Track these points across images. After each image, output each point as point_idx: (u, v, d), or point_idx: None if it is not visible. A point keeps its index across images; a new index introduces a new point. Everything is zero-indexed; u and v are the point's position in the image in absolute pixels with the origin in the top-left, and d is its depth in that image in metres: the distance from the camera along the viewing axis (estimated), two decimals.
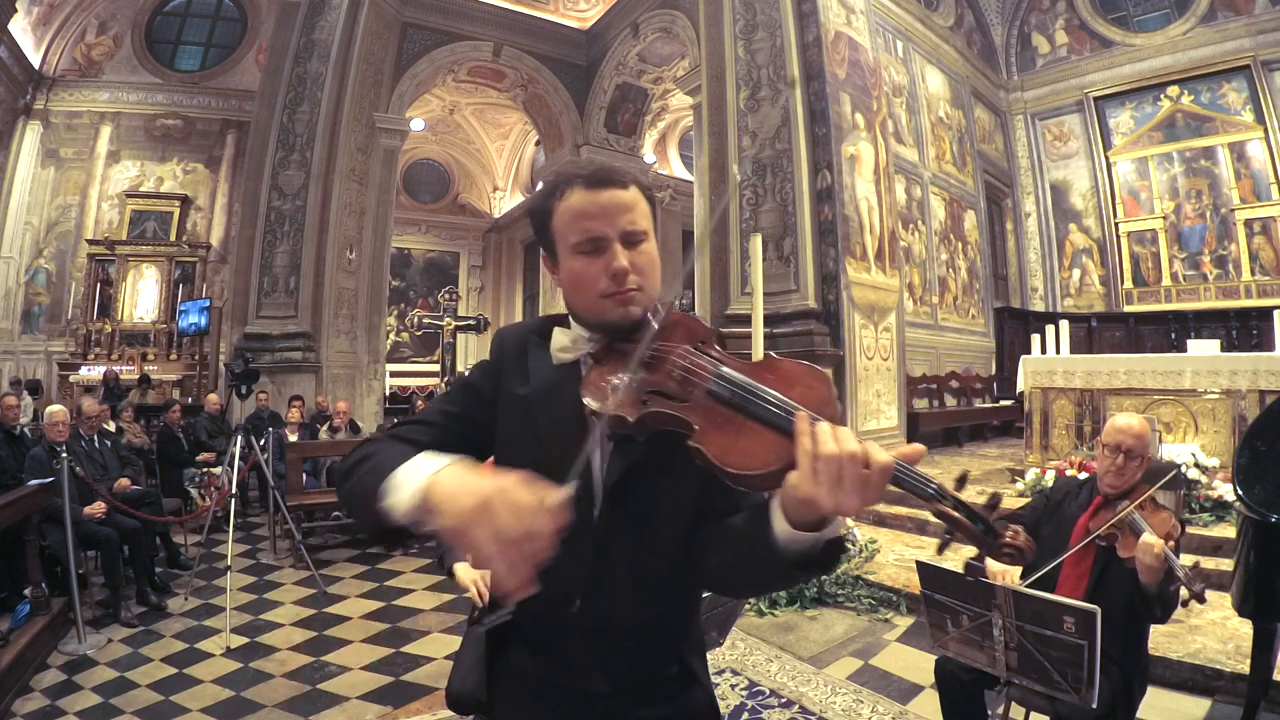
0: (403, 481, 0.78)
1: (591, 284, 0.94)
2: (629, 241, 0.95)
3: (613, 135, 13.18)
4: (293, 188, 9.53)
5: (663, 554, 0.99)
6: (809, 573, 0.80)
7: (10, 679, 3.10)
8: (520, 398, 1.00)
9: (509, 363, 1.03)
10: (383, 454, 0.87)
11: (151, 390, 10.10)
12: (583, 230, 0.94)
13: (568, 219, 0.95)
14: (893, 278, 8.16)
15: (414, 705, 3.04)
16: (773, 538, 0.78)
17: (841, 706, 2.91)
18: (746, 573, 0.91)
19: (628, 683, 1.01)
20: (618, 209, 0.94)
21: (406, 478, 0.78)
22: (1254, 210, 10.14)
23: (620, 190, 0.95)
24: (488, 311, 17.56)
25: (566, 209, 0.96)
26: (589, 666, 1.00)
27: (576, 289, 0.97)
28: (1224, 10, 10.46)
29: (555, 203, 0.97)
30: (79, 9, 12.15)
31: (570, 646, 1.00)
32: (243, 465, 4.98)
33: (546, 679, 1.02)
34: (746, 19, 8.12)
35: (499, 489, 0.68)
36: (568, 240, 0.96)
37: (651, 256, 0.98)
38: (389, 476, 0.79)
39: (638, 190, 0.97)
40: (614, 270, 0.93)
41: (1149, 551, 1.82)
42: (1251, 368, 5.01)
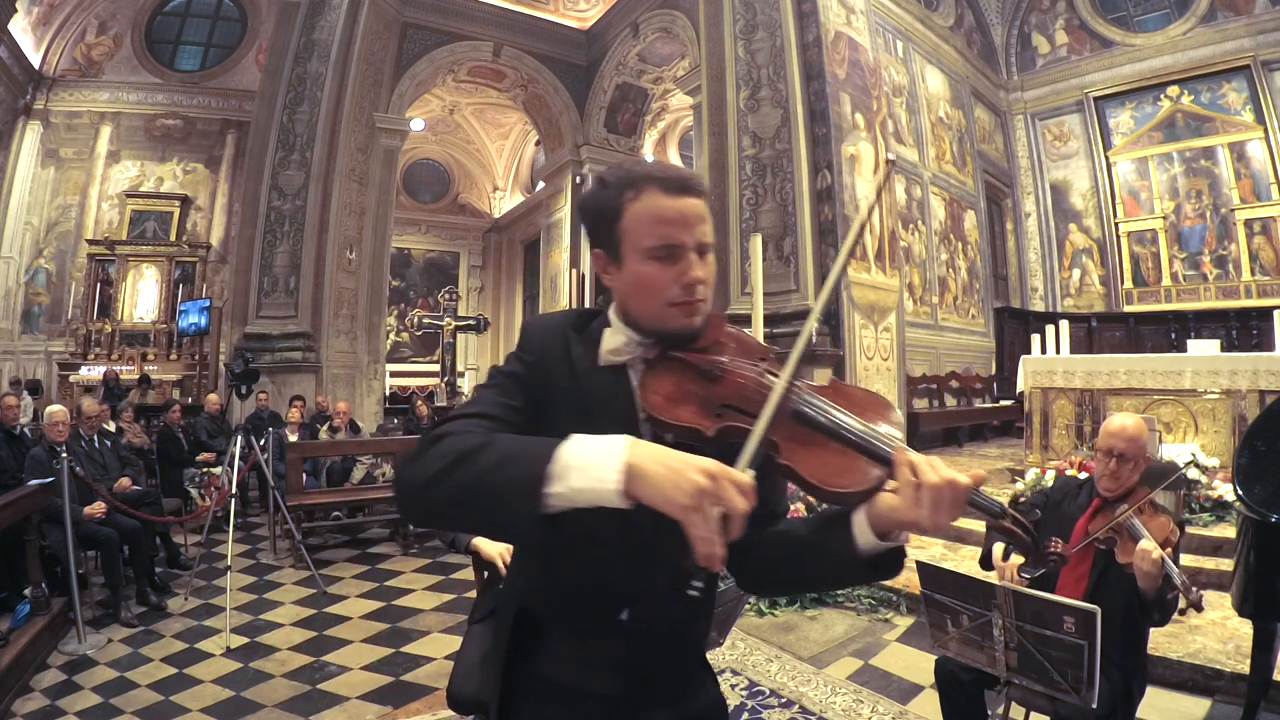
0: (582, 464, 0.73)
1: (661, 291, 0.93)
2: (700, 252, 0.94)
3: (613, 135, 13.18)
4: (293, 188, 9.53)
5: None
6: (881, 574, 0.87)
7: (10, 679, 3.09)
8: (571, 396, 0.97)
9: (552, 357, 0.99)
10: (499, 445, 0.79)
11: (151, 390, 10.10)
12: (661, 235, 0.92)
13: (643, 221, 0.93)
14: (893, 278, 8.16)
15: (414, 705, 3.04)
16: (855, 547, 0.85)
17: (841, 706, 2.91)
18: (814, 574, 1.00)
19: (656, 684, 1.02)
20: (696, 218, 0.94)
21: (586, 460, 0.73)
22: (1254, 210, 10.14)
23: (697, 200, 0.95)
24: (488, 311, 17.56)
25: (643, 211, 0.93)
26: (620, 670, 1.00)
27: (643, 293, 0.95)
28: (1224, 10, 10.46)
29: (627, 202, 0.94)
30: (79, 9, 12.15)
31: (603, 652, 1.00)
32: (243, 465, 4.98)
33: (573, 684, 1.01)
34: (746, 19, 8.12)
35: (719, 468, 0.71)
36: (640, 243, 0.93)
37: (713, 269, 0.98)
38: (551, 462, 0.74)
39: (705, 202, 0.98)
40: (689, 280, 0.92)
41: (1146, 559, 1.83)
42: (1251, 368, 5.01)
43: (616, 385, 0.96)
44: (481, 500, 0.77)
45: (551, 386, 0.97)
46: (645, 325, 0.97)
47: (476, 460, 0.78)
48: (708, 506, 0.69)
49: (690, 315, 0.94)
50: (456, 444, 0.81)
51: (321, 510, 6.18)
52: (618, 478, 0.72)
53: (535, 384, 0.97)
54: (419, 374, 16.77)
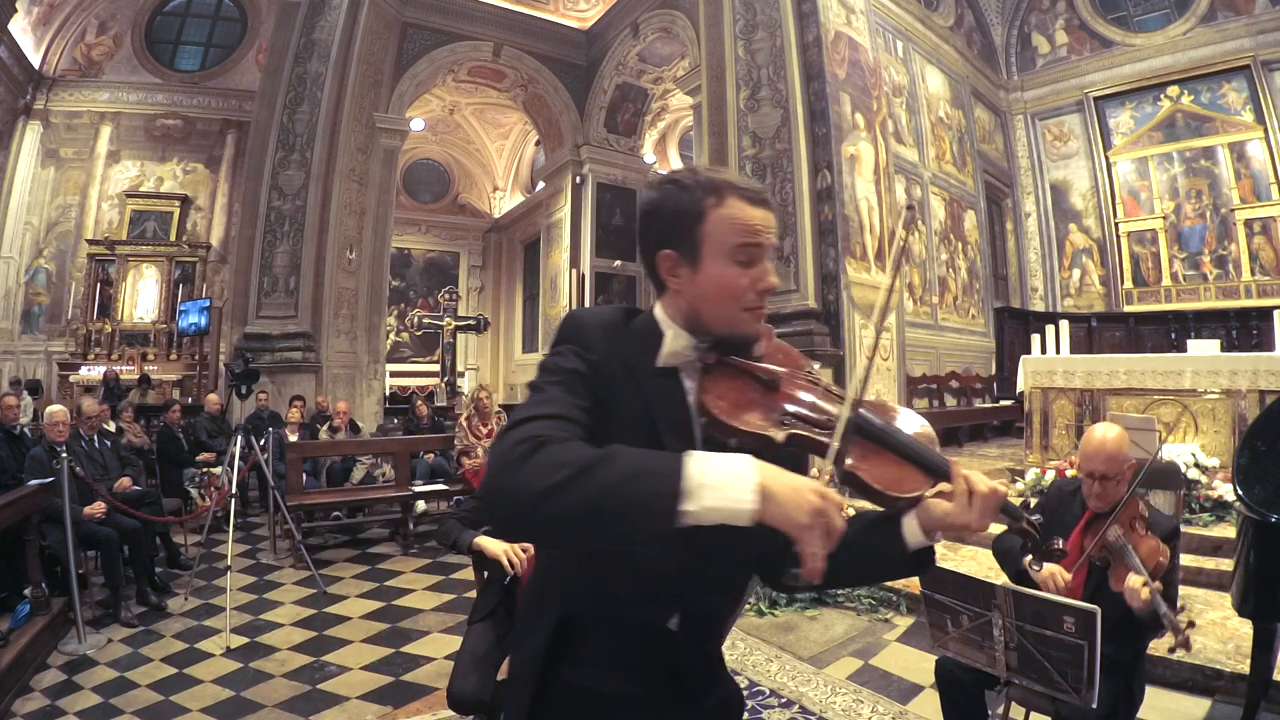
0: (716, 483, 0.73)
1: (740, 294, 0.95)
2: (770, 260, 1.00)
3: (613, 135, 13.19)
4: (293, 188, 9.53)
5: (748, 561, 1.05)
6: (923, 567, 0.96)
7: (10, 679, 3.09)
8: (631, 399, 0.95)
9: (613, 357, 0.97)
10: (622, 458, 0.76)
11: (151, 390, 10.10)
12: (745, 238, 0.95)
13: (729, 225, 0.94)
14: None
15: (414, 705, 3.04)
16: (904, 544, 0.92)
17: (841, 706, 2.91)
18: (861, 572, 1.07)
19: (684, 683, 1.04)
20: (772, 226, 0.98)
21: (720, 480, 0.73)
22: (1254, 210, 10.14)
23: (770, 212, 0.99)
24: (488, 311, 17.55)
25: (728, 215, 0.95)
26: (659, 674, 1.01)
27: (720, 295, 0.95)
28: (1224, 10, 10.46)
29: (710, 206, 0.95)
30: (79, 9, 12.15)
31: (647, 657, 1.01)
32: (243, 465, 4.98)
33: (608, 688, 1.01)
34: (746, 19, 8.12)
35: (826, 489, 0.77)
36: (724, 245, 0.94)
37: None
38: (682, 479, 0.73)
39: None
40: (765, 286, 0.96)
41: (1135, 596, 1.84)
42: (1251, 368, 5.01)
43: (672, 389, 0.98)
44: (610, 516, 0.74)
45: (613, 388, 0.95)
46: (716, 328, 0.97)
47: (600, 473, 0.74)
48: (820, 525, 0.74)
49: (758, 320, 0.98)
50: (570, 454, 0.76)
51: (321, 510, 6.18)
52: (754, 499, 0.73)
53: (598, 384, 0.94)
54: (419, 374, 16.77)
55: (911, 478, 0.90)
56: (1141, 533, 2.00)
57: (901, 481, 0.89)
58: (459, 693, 2.23)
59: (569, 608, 1.02)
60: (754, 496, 0.73)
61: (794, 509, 0.74)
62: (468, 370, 16.53)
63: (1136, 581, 1.86)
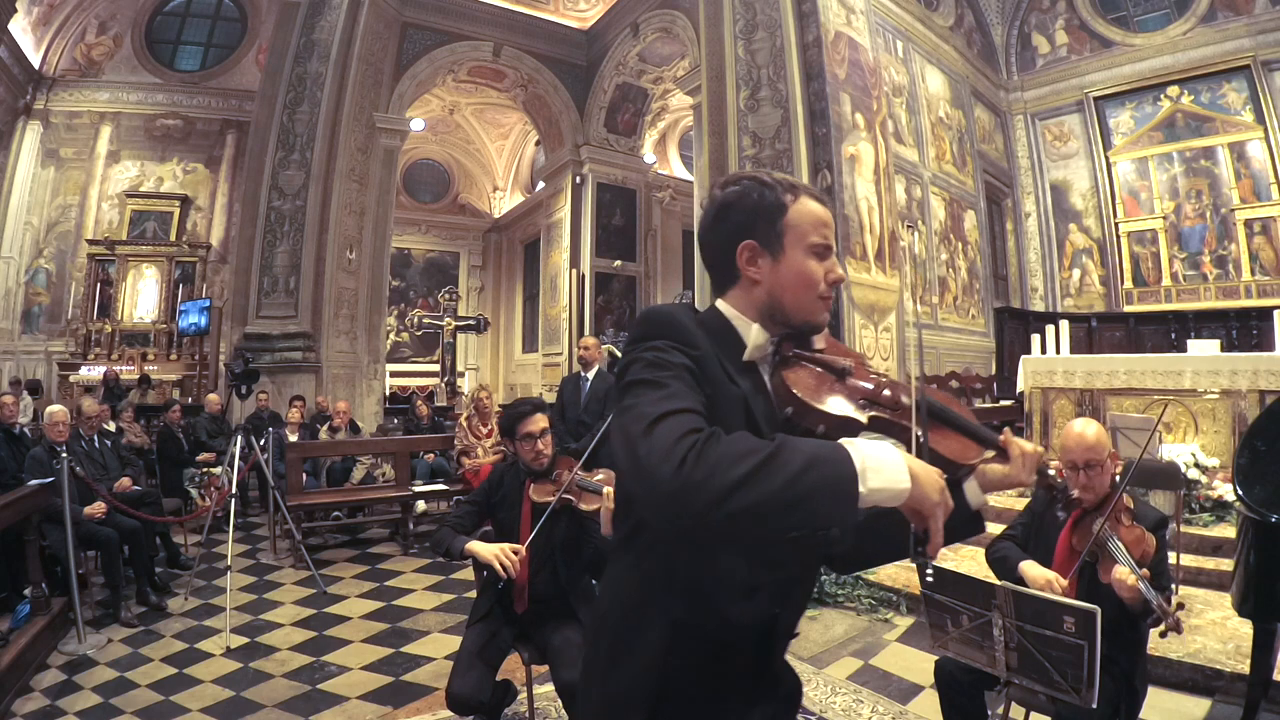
0: (878, 466, 0.79)
1: (816, 285, 1.03)
2: None
3: (613, 135, 13.19)
4: (293, 188, 9.53)
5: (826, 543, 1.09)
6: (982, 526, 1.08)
7: (10, 679, 3.09)
8: (736, 394, 0.97)
9: (710, 353, 0.96)
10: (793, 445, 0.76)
11: (151, 390, 10.09)
12: (822, 235, 1.04)
13: (810, 221, 1.03)
14: (893, 278, 8.15)
15: (414, 705, 3.04)
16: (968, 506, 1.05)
17: (841, 706, 2.91)
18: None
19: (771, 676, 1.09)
20: (834, 226, 1.07)
21: (881, 462, 0.79)
22: (1254, 210, 10.13)
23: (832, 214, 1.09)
24: (488, 311, 17.55)
25: (808, 211, 1.04)
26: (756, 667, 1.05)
27: (800, 284, 1.03)
28: (1224, 10, 10.45)
29: (791, 201, 1.04)
30: (79, 9, 12.15)
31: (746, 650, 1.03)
32: (243, 465, 4.98)
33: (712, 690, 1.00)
34: (746, 19, 8.12)
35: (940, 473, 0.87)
36: (806, 239, 1.03)
37: None
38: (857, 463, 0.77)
39: None
40: (835, 278, 1.04)
41: (1123, 587, 1.90)
42: (1251, 368, 5.01)
43: (758, 382, 1.03)
44: (800, 502, 0.74)
45: (716, 384, 0.95)
46: (794, 317, 1.04)
47: (783, 462, 0.75)
48: (945, 502, 0.85)
49: (827, 310, 1.06)
50: (747, 444, 0.77)
51: (321, 510, 6.18)
52: (908, 479, 0.81)
53: (705, 380, 0.94)
54: (419, 374, 16.77)
55: (970, 447, 1.02)
56: (1127, 524, 2.05)
57: (965, 451, 1.01)
58: (458, 693, 2.23)
59: (678, 611, 0.98)
60: (908, 477, 0.81)
61: (930, 489, 0.84)
62: (468, 370, 16.53)
63: (1123, 571, 1.91)
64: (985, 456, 1.01)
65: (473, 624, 2.47)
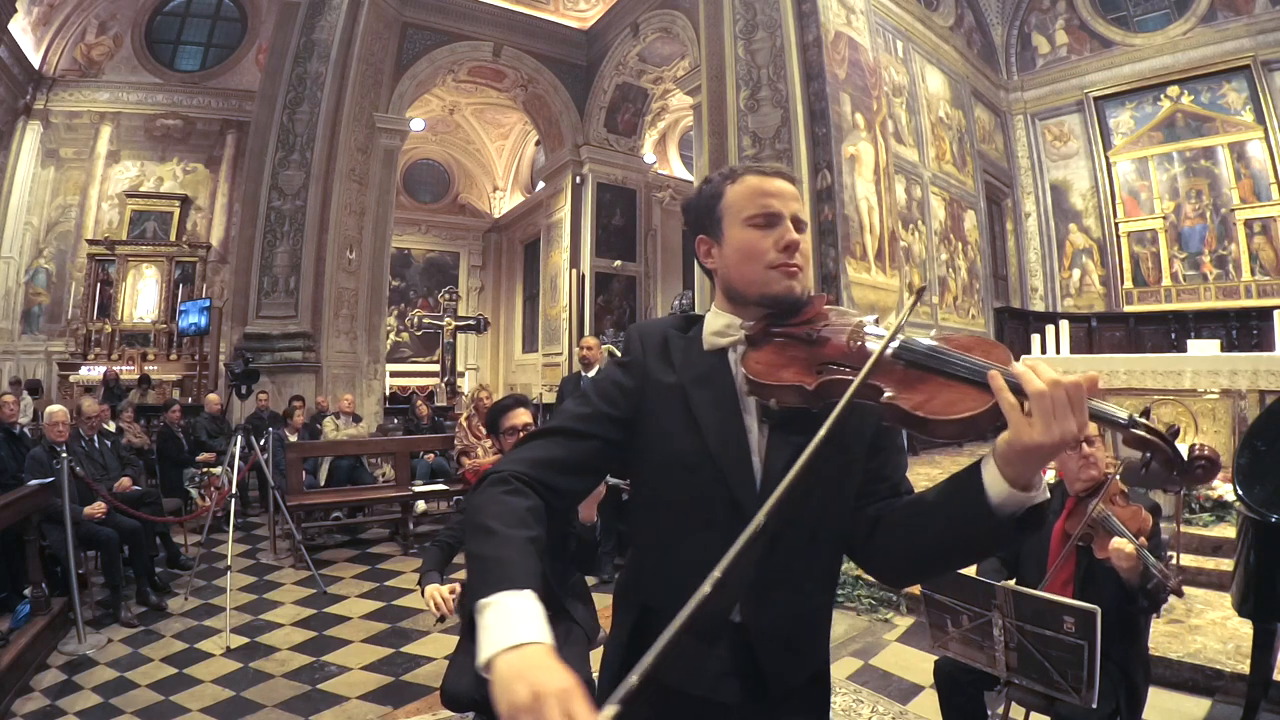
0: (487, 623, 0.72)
1: (761, 254, 0.99)
2: (796, 226, 1.01)
3: (613, 135, 13.18)
4: (293, 188, 9.53)
5: (825, 542, 0.99)
6: (1026, 531, 0.80)
7: (10, 679, 3.09)
8: (671, 386, 1.01)
9: (652, 356, 1.04)
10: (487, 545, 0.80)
11: (151, 390, 10.09)
12: (760, 205, 1.00)
13: (743, 195, 1.01)
14: (893, 278, 8.16)
15: (414, 705, 3.04)
16: (987, 500, 0.79)
17: (841, 706, 2.91)
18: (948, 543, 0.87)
19: (768, 696, 0.98)
20: (790, 195, 1.02)
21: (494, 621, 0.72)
22: (1254, 210, 10.13)
23: (791, 183, 1.03)
24: (488, 311, 17.55)
25: (742, 188, 1.02)
26: (734, 678, 0.97)
27: (744, 260, 1.00)
28: (1224, 10, 10.46)
29: (727, 186, 1.03)
30: (79, 9, 12.15)
31: (718, 656, 0.97)
32: (243, 465, 4.98)
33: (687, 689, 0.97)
34: (746, 19, 8.12)
35: (559, 691, 0.63)
36: (740, 214, 1.01)
37: (808, 249, 1.03)
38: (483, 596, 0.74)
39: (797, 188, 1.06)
40: (786, 242, 0.98)
41: (1121, 554, 1.90)
42: (1251, 368, 5.01)
43: (717, 367, 1.00)
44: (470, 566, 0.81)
45: (647, 381, 1.02)
46: (748, 292, 1.01)
47: (475, 537, 0.83)
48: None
49: (790, 278, 0.99)
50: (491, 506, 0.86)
51: (321, 510, 6.18)
52: (486, 658, 0.69)
53: (632, 384, 1.03)
54: (419, 374, 16.76)
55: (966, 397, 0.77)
56: (1121, 504, 2.07)
57: (953, 404, 0.78)
58: (452, 689, 2.24)
59: (646, 598, 1.04)
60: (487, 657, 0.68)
61: (505, 691, 0.64)
62: (468, 370, 16.54)
63: (1120, 541, 1.91)
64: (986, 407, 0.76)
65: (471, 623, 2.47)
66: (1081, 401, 0.71)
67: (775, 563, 0.95)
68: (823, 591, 1.03)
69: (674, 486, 1.00)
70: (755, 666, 0.97)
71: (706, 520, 0.96)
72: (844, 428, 0.82)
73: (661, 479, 1.02)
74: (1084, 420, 0.71)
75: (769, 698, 0.98)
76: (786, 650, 0.99)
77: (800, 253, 1.00)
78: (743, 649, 0.97)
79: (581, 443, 0.98)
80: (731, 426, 0.97)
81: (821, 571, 1.02)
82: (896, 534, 0.93)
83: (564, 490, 0.94)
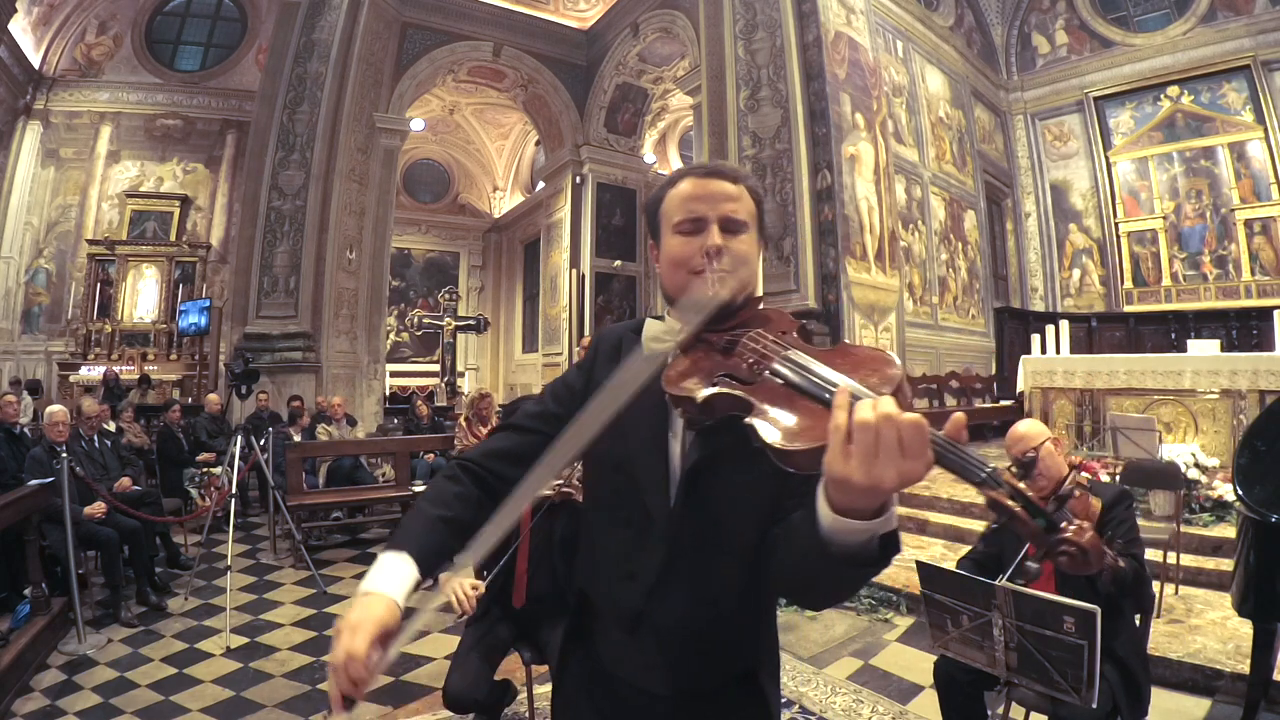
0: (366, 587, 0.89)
1: (685, 261, 0.99)
2: (727, 228, 0.99)
3: (613, 135, 13.19)
4: (293, 188, 9.53)
5: (733, 551, 0.98)
6: (863, 570, 0.71)
7: (10, 679, 3.09)
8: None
9: (603, 358, 1.07)
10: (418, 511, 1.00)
11: (151, 390, 10.09)
12: (686, 210, 1.00)
13: (675, 201, 1.02)
14: (893, 278, 8.16)
15: (414, 705, 3.04)
16: (820, 531, 0.70)
17: (841, 706, 2.91)
18: (806, 575, 0.82)
19: (687, 689, 1.00)
20: (721, 196, 1.00)
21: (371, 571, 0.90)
22: (1254, 210, 10.14)
23: (728, 183, 1.01)
24: (488, 311, 17.55)
25: (675, 193, 1.03)
26: (650, 665, 1.00)
27: (670, 264, 1.02)
28: (1224, 10, 10.46)
29: (667, 191, 1.05)
30: (79, 9, 12.15)
31: (638, 643, 1.01)
32: (243, 465, 4.98)
33: (619, 674, 1.05)
34: (746, 19, 8.12)
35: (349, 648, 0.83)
36: (671, 220, 1.02)
37: (747, 250, 1.01)
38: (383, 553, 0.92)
39: (745, 189, 1.03)
40: (707, 247, 0.97)
41: None
42: (1251, 368, 5.01)
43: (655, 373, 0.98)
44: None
45: (591, 382, 1.06)
46: (675, 296, 1.02)
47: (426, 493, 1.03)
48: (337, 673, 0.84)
49: (711, 284, 0.96)
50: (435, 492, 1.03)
51: (322, 510, 6.18)
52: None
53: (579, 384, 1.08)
54: (419, 374, 16.76)
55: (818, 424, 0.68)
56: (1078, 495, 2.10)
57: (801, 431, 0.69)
58: (454, 690, 2.24)
59: (584, 584, 1.12)
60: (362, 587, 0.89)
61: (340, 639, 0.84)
62: (468, 370, 16.54)
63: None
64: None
65: (471, 623, 2.47)
66: (918, 448, 0.60)
67: (681, 566, 0.97)
68: (738, 599, 1.00)
69: (603, 483, 1.07)
70: (678, 663, 1.00)
71: (625, 519, 1.02)
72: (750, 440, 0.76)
73: (594, 475, 1.10)
74: (912, 471, 0.60)
75: (700, 693, 1.01)
76: (696, 651, 0.99)
77: (733, 256, 0.97)
78: (660, 642, 0.99)
79: (527, 436, 1.06)
80: (655, 433, 0.99)
81: (733, 579, 0.99)
82: (777, 557, 0.90)
83: (513, 479, 0.94)
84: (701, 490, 0.96)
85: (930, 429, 0.62)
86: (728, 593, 0.99)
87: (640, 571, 0.99)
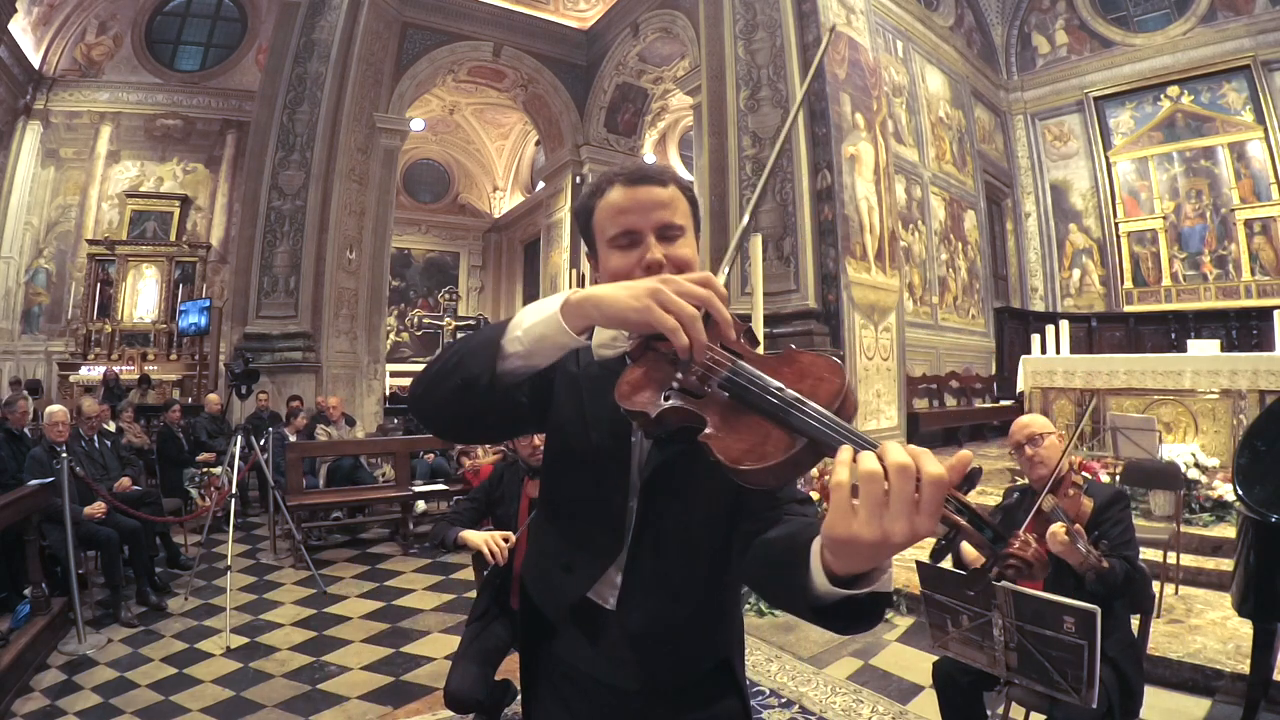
0: (530, 311, 0.83)
1: (626, 276, 0.92)
2: (664, 236, 0.95)
3: (613, 135, 13.17)
4: (293, 188, 9.52)
5: (696, 553, 0.99)
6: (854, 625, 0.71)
7: (10, 679, 3.09)
8: (573, 376, 1.01)
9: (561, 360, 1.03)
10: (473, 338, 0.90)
11: (151, 390, 10.09)
12: (619, 224, 0.95)
13: (606, 215, 0.97)
14: (893, 278, 8.15)
15: (414, 705, 3.04)
16: (812, 588, 0.70)
17: (841, 706, 2.91)
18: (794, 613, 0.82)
19: (658, 683, 1.01)
20: (653, 204, 0.95)
21: (533, 309, 0.83)
22: (1254, 210, 10.14)
23: (658, 188, 0.96)
24: (488, 311, 17.55)
25: (605, 205, 0.97)
26: (620, 662, 1.00)
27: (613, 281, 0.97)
28: (1224, 10, 10.46)
29: (596, 201, 0.99)
30: (79, 9, 12.15)
31: (603, 641, 1.01)
32: (243, 465, 4.98)
33: (583, 670, 1.05)
34: (746, 19, 8.12)
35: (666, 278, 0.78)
36: (605, 235, 0.97)
37: (688, 254, 0.97)
38: (508, 327, 0.84)
39: (676, 189, 0.98)
40: (647, 262, 0.92)
41: (1054, 540, 1.95)
42: (1251, 368, 5.01)
43: (607, 379, 0.93)
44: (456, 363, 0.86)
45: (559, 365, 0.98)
46: None
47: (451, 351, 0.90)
48: (659, 299, 0.74)
49: None
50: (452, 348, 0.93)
51: (322, 510, 6.18)
52: (557, 303, 0.80)
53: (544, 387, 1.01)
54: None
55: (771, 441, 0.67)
56: (1072, 495, 2.14)
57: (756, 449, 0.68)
58: (456, 691, 2.24)
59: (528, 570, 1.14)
60: (560, 301, 0.80)
61: (626, 296, 0.76)
62: None
63: (1058, 528, 1.96)
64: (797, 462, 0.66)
65: (471, 622, 2.47)
66: (934, 502, 0.56)
67: (643, 565, 0.97)
68: (702, 598, 1.00)
69: (566, 477, 1.05)
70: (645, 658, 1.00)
71: (582, 512, 1.02)
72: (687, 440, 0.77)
73: (558, 468, 1.07)
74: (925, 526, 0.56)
75: (669, 689, 1.01)
76: (660, 649, 1.00)
77: (674, 264, 0.93)
78: (628, 637, 0.99)
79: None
80: (617, 437, 0.97)
81: (698, 579, 0.99)
82: (752, 567, 0.90)
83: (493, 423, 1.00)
84: (661, 494, 0.96)
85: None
86: (694, 590, 1.00)
87: (578, 565, 1.00)
